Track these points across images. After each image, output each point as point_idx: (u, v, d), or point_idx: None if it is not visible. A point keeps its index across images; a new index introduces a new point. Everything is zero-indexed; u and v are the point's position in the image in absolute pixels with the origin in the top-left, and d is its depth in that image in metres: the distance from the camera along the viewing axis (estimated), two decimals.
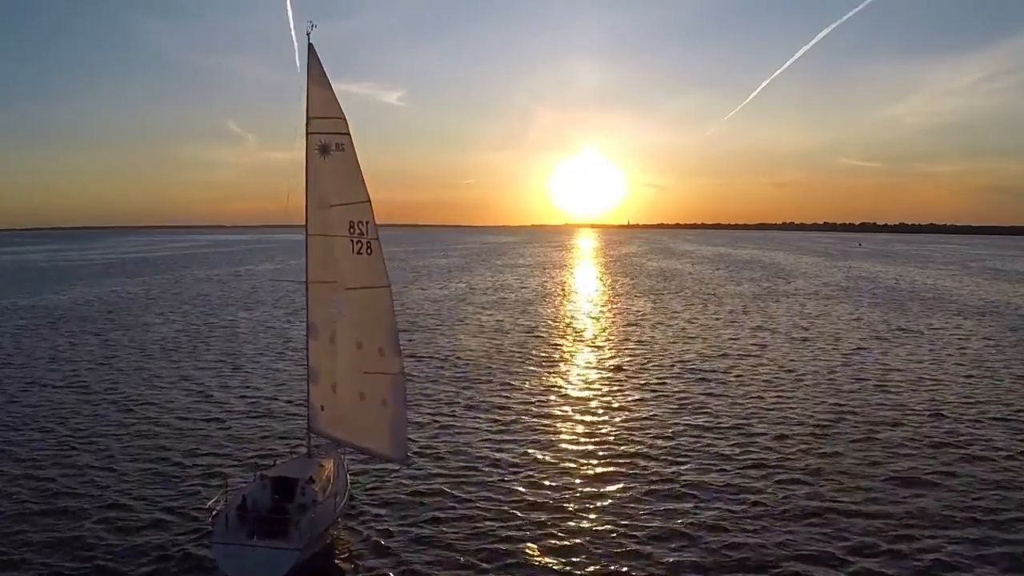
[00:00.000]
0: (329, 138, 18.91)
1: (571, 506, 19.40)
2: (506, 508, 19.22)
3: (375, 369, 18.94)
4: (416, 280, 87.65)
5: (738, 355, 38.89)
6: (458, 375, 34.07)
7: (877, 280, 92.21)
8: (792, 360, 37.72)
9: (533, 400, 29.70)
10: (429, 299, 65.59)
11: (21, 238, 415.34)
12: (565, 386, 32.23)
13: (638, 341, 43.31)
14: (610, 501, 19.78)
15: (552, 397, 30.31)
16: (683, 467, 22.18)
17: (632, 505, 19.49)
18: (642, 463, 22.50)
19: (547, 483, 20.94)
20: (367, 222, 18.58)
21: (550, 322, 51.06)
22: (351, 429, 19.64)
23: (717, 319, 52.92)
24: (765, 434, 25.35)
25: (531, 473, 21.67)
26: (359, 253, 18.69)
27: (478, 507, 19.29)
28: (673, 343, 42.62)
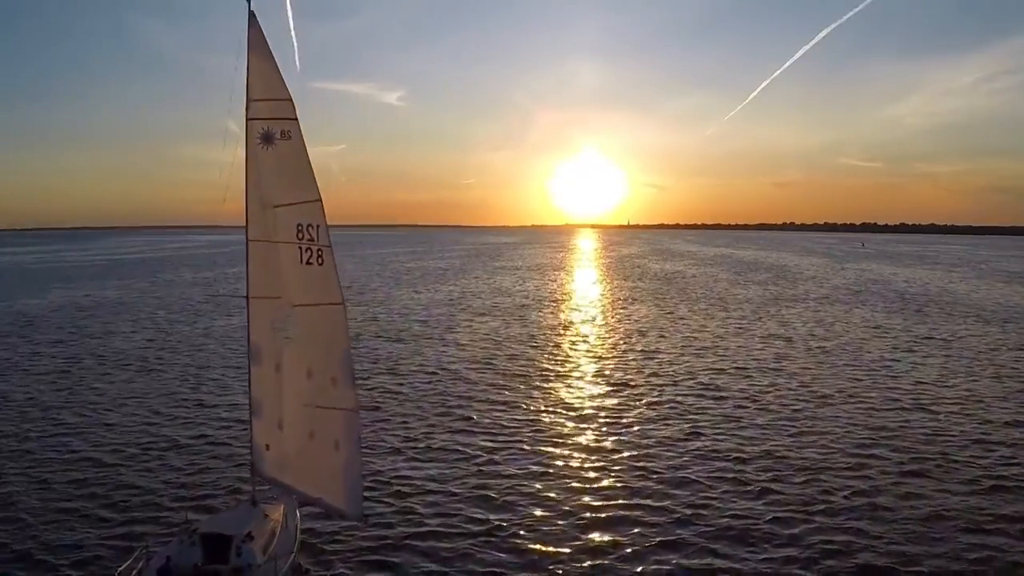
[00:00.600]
0: (273, 124, 15.72)
1: (570, 566, 16.13)
2: (491, 569, 15.97)
3: (327, 403, 15.78)
4: (408, 283, 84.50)
5: (756, 370, 35.49)
6: (444, 392, 30.79)
7: (888, 283, 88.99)
8: (814, 375, 34.41)
9: (528, 422, 26.36)
10: (419, 305, 62.37)
11: (21, 238, 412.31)
12: (565, 406, 28.92)
13: (644, 352, 39.99)
14: (618, 555, 16.48)
15: (550, 419, 27.03)
16: (704, 509, 18.84)
17: (644, 563, 16.23)
18: (655, 503, 19.17)
19: (542, 532, 17.62)
20: (318, 226, 15.40)
21: (548, 331, 47.82)
22: (300, 475, 16.40)
23: (727, 327, 49.66)
24: (796, 466, 22.05)
25: (521, 521, 18.25)
26: (308, 263, 15.52)
27: (457, 568, 16.01)
28: (682, 356, 39.30)
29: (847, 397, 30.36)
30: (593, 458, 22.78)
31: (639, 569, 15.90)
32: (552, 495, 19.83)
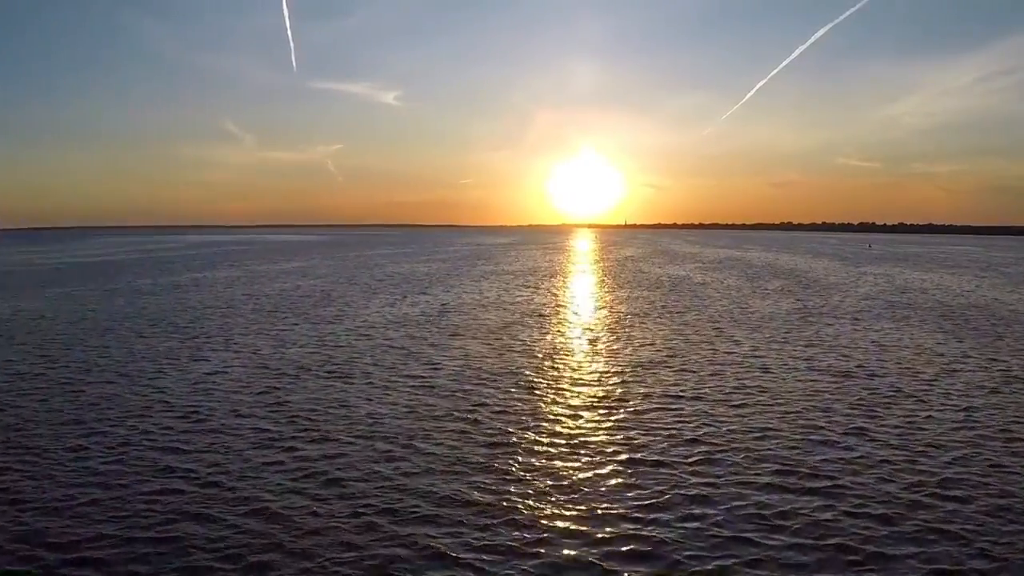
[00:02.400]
0: None
1: None
2: None
3: None
4: (381, 292, 74.29)
5: (824, 428, 25.33)
6: (380, 459, 20.92)
7: (922, 291, 79.19)
8: (906, 439, 24.19)
9: (502, 516, 16.44)
10: (383, 321, 52.31)
11: (13, 238, 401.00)
12: (560, 496, 19.12)
13: (665, 397, 29.76)
14: None
15: (534, 509, 17.19)
16: None
17: None
18: None
19: None
20: None
21: (536, 363, 37.73)
22: None
23: (762, 356, 39.69)
24: None
25: None
26: None
27: None
28: (717, 403, 29.08)
29: (973, 478, 20.50)
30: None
31: None
32: None
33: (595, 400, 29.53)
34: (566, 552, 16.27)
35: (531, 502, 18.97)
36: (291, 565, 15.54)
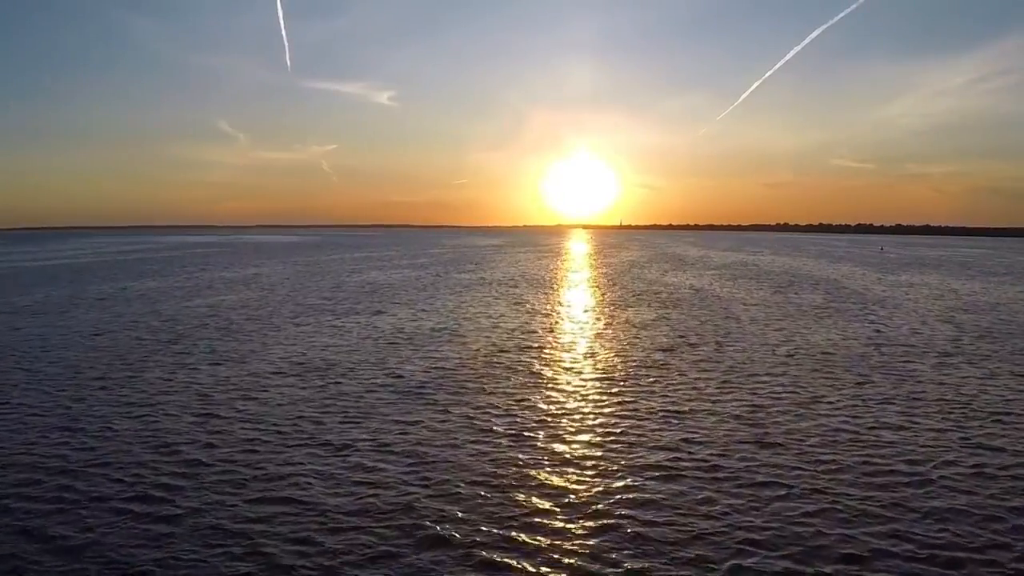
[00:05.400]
0: None
1: None
2: None
3: None
4: (328, 309, 59.00)
5: None
6: None
7: (993, 308, 64.47)
8: None
9: None
10: (294, 364, 37.28)
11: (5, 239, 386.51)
12: None
13: (739, 544, 15.23)
14: None
15: None
16: None
17: None
18: None
19: None
20: None
21: (509, 457, 22.84)
22: None
23: (869, 433, 24.92)
24: None
25: None
26: None
27: None
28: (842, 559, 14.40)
29: None
30: None
31: None
32: None
33: (620, 497, 14.59)
34: None
35: None
36: None
